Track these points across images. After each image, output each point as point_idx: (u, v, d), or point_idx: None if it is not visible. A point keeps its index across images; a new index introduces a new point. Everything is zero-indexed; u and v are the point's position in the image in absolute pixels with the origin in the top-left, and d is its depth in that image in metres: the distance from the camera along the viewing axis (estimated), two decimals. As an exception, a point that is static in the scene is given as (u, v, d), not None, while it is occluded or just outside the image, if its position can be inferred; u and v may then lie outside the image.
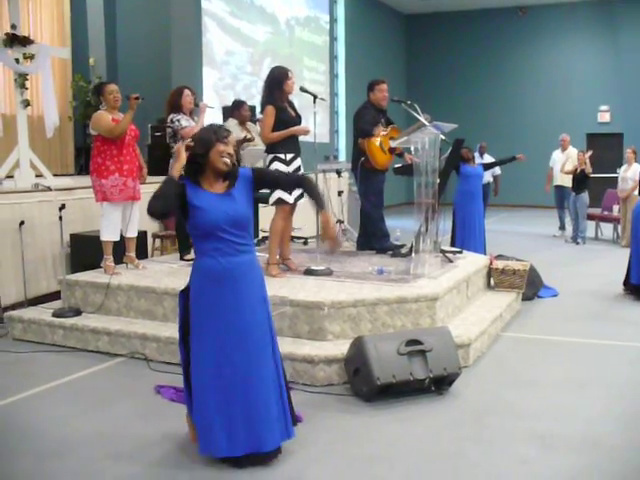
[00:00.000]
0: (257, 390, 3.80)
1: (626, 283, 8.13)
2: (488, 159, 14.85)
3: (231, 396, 3.75)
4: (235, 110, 8.24)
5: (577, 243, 12.63)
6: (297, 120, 6.73)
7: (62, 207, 6.80)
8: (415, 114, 6.95)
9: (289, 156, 6.64)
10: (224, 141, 3.75)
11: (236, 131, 7.97)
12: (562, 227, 13.86)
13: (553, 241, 13.26)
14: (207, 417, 3.74)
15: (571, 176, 12.90)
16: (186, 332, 3.84)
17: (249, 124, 8.23)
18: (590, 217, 13.11)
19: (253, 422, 3.77)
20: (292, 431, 3.94)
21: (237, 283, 3.79)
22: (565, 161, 13.41)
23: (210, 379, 3.74)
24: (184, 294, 3.86)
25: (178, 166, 3.75)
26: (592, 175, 12.66)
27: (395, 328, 5.63)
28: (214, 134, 3.75)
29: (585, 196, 12.62)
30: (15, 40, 8.30)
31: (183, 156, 3.73)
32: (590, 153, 12.83)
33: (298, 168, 6.74)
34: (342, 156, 17.80)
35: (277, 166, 6.55)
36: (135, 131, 6.96)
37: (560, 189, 13.73)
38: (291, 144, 6.69)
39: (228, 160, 3.74)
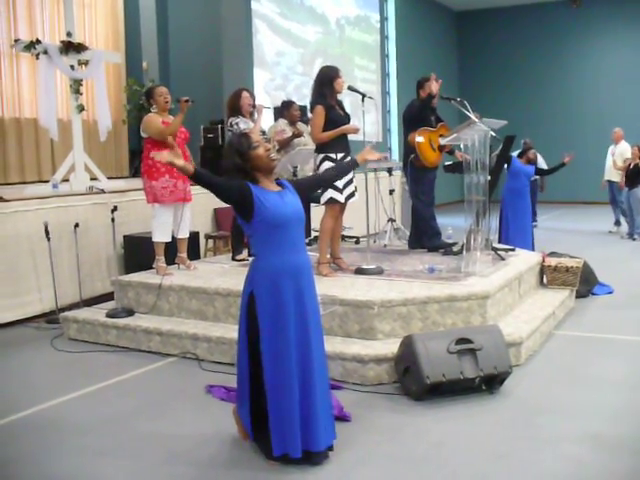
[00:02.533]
0: (319, 388, 3.84)
1: None
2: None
3: (305, 394, 3.78)
4: (284, 110, 8.29)
5: (634, 239, 12.34)
6: (346, 119, 6.71)
7: (114, 209, 6.93)
8: (465, 111, 6.90)
9: (339, 155, 6.63)
10: (255, 147, 3.80)
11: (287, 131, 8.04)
12: (617, 222, 13.57)
13: (608, 237, 12.99)
14: (287, 417, 3.75)
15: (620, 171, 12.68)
16: (252, 334, 3.81)
17: (299, 124, 8.26)
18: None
19: (314, 420, 3.79)
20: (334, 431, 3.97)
21: (303, 280, 3.84)
22: (616, 156, 13.20)
23: (290, 378, 3.74)
24: (249, 297, 3.84)
25: (182, 165, 3.80)
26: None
27: (446, 326, 5.58)
28: (245, 141, 3.79)
29: (639, 191, 12.34)
30: (70, 47, 8.50)
31: (178, 160, 3.82)
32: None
33: None
34: (395, 155, 17.74)
35: (328, 165, 6.54)
36: (185, 133, 7.04)
37: (610, 184, 13.48)
38: (341, 143, 6.68)
39: (272, 154, 3.84)
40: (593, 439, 4.14)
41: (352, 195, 6.72)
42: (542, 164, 14.73)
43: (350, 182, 6.65)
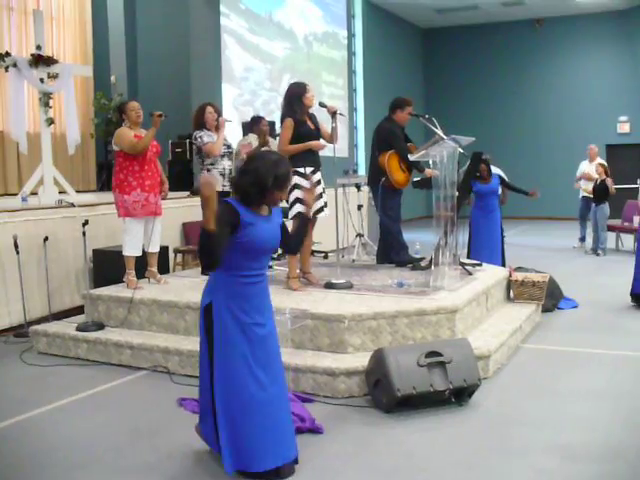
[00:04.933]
0: (284, 401, 3.90)
1: (633, 294, 8.13)
2: (494, 170, 14.86)
3: (269, 409, 3.81)
4: (254, 125, 8.37)
5: (597, 254, 12.57)
6: (316, 133, 6.77)
7: (85, 223, 6.92)
8: (433, 128, 7.00)
9: (308, 170, 6.68)
10: (282, 189, 3.82)
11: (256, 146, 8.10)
12: (582, 239, 13.78)
13: (573, 253, 13.21)
14: (252, 433, 3.77)
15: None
16: (210, 348, 3.83)
17: (268, 138, 8.33)
18: (611, 228, 13.06)
19: (282, 432, 3.85)
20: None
21: (260, 298, 3.89)
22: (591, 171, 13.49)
23: (252, 394, 3.77)
24: (206, 309, 3.86)
25: (211, 215, 3.47)
26: (615, 187, 12.65)
27: (415, 340, 5.66)
28: (274, 180, 3.73)
29: (605, 207, 12.60)
30: (40, 60, 8.47)
31: (213, 204, 3.47)
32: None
33: (318, 182, 6.78)
34: (362, 170, 17.85)
35: (296, 180, 6.56)
36: (157, 147, 7.07)
37: (586, 200, 13.63)
38: (310, 158, 6.73)
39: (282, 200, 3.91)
40: (561, 449, 4.23)
41: (321, 210, 6.78)
42: (503, 178, 14.93)
43: (320, 197, 6.71)
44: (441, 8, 19.80)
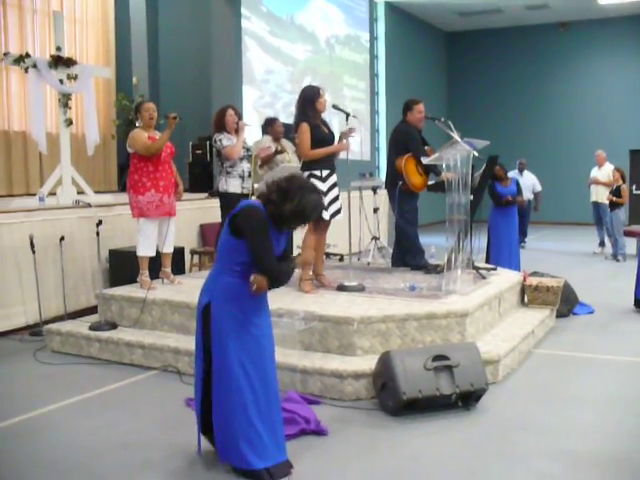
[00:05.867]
0: (276, 403, 3.93)
1: (636, 299, 8.08)
2: (528, 175, 14.85)
3: (261, 410, 3.83)
4: (268, 127, 8.36)
5: (617, 260, 12.47)
6: (331, 137, 6.79)
7: (99, 223, 6.98)
8: (448, 131, 6.99)
9: (325, 173, 6.70)
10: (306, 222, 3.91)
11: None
12: (602, 244, 13.69)
13: (593, 258, 13.11)
14: (244, 431, 3.80)
15: (607, 192, 12.81)
16: (207, 346, 3.87)
17: (283, 140, 8.33)
18: (631, 234, 12.94)
19: (273, 433, 3.87)
20: None
21: (262, 300, 3.95)
22: (601, 177, 13.45)
23: (249, 393, 3.80)
24: (206, 311, 3.89)
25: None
26: (636, 192, 12.55)
27: (424, 344, 5.64)
28: (303, 218, 3.81)
29: (620, 212, 12.49)
30: (59, 61, 8.57)
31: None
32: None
33: (334, 184, 6.80)
34: (382, 173, 17.82)
35: (313, 182, 6.59)
36: (171, 148, 7.11)
37: (596, 205, 13.59)
38: (326, 161, 6.75)
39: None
40: (566, 456, 4.20)
41: (338, 212, 6.80)
42: (536, 184, 14.91)
43: (335, 199, 6.73)
44: (464, 11, 19.74)
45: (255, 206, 3.79)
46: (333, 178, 6.81)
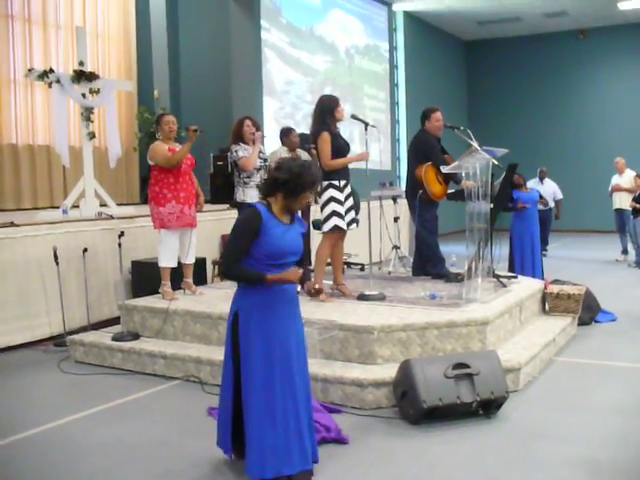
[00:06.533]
0: (308, 407, 3.95)
1: None
2: (549, 183, 14.77)
3: (295, 414, 3.87)
4: (284, 137, 8.40)
5: (640, 267, 12.40)
6: (347, 147, 6.83)
7: (121, 234, 7.06)
8: (467, 139, 7.00)
9: (342, 182, 6.75)
10: (312, 190, 3.97)
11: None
12: (624, 251, 13.59)
13: (615, 266, 13.02)
14: (282, 436, 3.84)
15: (629, 199, 12.72)
16: (236, 354, 3.91)
17: (299, 150, 8.37)
18: (655, 242, 12.84)
19: (299, 441, 3.88)
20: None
21: (286, 308, 3.96)
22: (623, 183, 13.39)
23: (279, 401, 3.83)
24: (234, 316, 3.94)
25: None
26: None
27: (445, 352, 5.65)
28: (311, 185, 3.91)
29: (643, 219, 12.40)
30: (82, 76, 8.68)
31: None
32: None
33: (349, 194, 6.85)
34: (403, 183, 17.83)
35: (331, 193, 6.65)
36: (191, 159, 7.17)
37: (620, 213, 13.50)
38: (344, 171, 6.80)
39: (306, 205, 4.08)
40: (588, 465, 4.18)
41: (353, 221, 6.83)
42: (557, 192, 14.83)
43: (351, 209, 6.78)
44: (483, 20, 19.71)
45: (252, 207, 3.90)
46: (349, 188, 6.86)
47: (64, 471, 4.23)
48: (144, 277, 7.91)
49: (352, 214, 6.79)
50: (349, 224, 6.76)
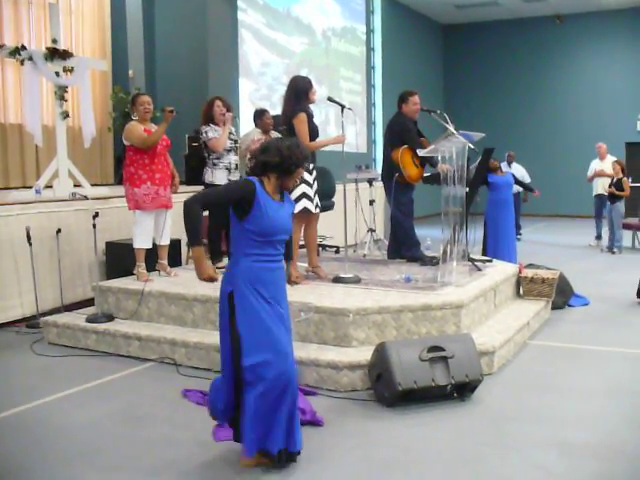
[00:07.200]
0: (296, 388, 3.93)
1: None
2: (517, 167, 14.86)
3: (285, 395, 3.85)
4: (257, 119, 8.33)
5: (613, 252, 12.52)
6: (317, 130, 6.81)
7: (96, 215, 7.00)
8: (444, 123, 7.00)
9: (311, 165, 6.73)
10: (303, 166, 3.96)
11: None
12: (599, 237, 13.72)
13: (588, 250, 13.15)
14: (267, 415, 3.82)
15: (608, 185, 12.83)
16: (235, 336, 3.84)
17: (272, 132, 8.32)
18: (627, 226, 12.99)
19: (294, 421, 3.89)
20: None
21: (277, 287, 3.95)
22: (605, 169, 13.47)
23: (272, 379, 3.79)
24: (228, 296, 3.88)
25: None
26: (631, 185, 12.58)
27: (420, 335, 5.67)
28: (305, 160, 3.92)
29: (620, 205, 12.54)
30: (55, 54, 8.54)
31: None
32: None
33: (315, 178, 6.83)
34: (379, 166, 17.84)
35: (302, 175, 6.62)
36: (167, 141, 7.11)
37: (600, 198, 13.60)
38: (312, 154, 6.76)
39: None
40: (560, 445, 4.24)
41: (317, 206, 6.82)
42: (525, 176, 14.90)
43: (316, 193, 6.77)
44: (461, 4, 19.72)
45: (247, 180, 3.89)
46: (314, 173, 6.84)
47: (41, 454, 4.20)
48: (118, 258, 7.86)
49: (316, 199, 6.78)
50: (321, 208, 6.74)
